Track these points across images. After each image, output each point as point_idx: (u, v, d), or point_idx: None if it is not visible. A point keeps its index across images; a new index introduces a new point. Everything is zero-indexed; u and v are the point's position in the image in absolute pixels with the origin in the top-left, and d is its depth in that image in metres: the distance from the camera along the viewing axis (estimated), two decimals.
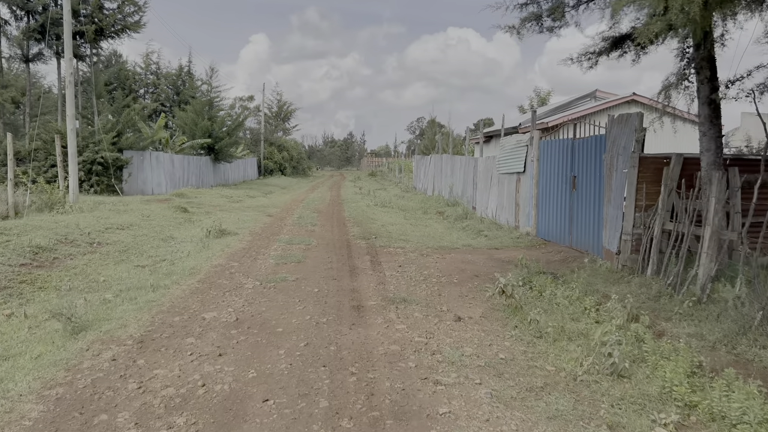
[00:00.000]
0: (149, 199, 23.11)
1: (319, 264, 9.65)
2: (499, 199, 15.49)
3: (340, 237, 13.15)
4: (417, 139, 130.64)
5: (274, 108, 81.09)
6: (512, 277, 9.03)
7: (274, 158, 58.71)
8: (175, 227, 14.86)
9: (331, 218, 17.43)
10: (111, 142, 25.34)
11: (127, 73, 52.64)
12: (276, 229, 14.52)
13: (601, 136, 10.12)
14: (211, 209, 19.85)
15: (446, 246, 12.09)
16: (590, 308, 7.24)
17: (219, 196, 27.35)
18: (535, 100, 42.94)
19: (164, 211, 17.15)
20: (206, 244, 11.66)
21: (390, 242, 12.31)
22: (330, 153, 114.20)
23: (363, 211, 19.47)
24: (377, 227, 15.10)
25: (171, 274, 8.82)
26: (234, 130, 38.94)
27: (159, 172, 27.92)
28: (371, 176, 62.16)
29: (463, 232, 14.86)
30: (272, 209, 20.29)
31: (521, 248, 12.02)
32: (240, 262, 9.69)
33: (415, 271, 9.18)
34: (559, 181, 11.96)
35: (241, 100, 61.12)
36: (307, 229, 14.36)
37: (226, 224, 15.23)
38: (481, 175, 17.51)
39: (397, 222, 16.53)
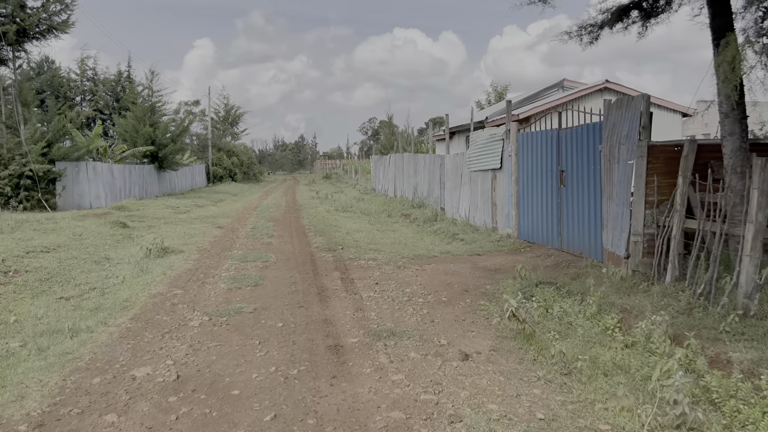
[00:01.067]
0: (85, 213, 20.99)
1: (280, 286, 8.15)
2: (472, 198, 14.28)
3: (302, 249, 11.65)
4: (370, 139, 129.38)
5: (221, 112, 78.24)
6: (508, 290, 7.80)
7: (223, 164, 56.36)
8: (111, 246, 13.05)
9: (289, 227, 15.88)
10: (40, 153, 23.02)
11: (60, 80, 49.49)
12: (227, 243, 12.89)
13: (595, 125, 8.98)
14: (155, 222, 17.98)
15: (423, 254, 10.77)
16: (613, 327, 6.03)
17: (164, 207, 25.31)
18: (492, 94, 42.21)
19: (100, 228, 15.25)
20: (145, 267, 9.98)
21: (359, 253, 10.89)
22: (282, 157, 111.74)
23: (323, 217, 17.96)
24: (342, 235, 13.65)
25: (98, 310, 7.18)
26: (179, 136, 36.72)
27: (97, 184, 25.67)
28: (326, 179, 60.50)
29: (435, 237, 13.57)
30: (223, 219, 18.56)
31: (505, 253, 10.81)
32: (184, 289, 8.09)
33: (395, 290, 7.80)
34: (543, 177, 10.80)
35: (186, 105, 58.48)
36: (263, 242, 12.79)
37: (171, 240, 13.50)
38: (449, 174, 16.28)
39: (362, 228, 15.12)
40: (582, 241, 9.58)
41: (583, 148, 9.35)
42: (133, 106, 35.04)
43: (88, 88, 51.99)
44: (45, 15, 23.94)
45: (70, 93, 50.60)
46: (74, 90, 51.37)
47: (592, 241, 9.23)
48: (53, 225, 15.11)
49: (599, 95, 17.14)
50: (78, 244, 12.74)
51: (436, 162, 17.79)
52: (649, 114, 7.55)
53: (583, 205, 9.43)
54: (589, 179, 9.22)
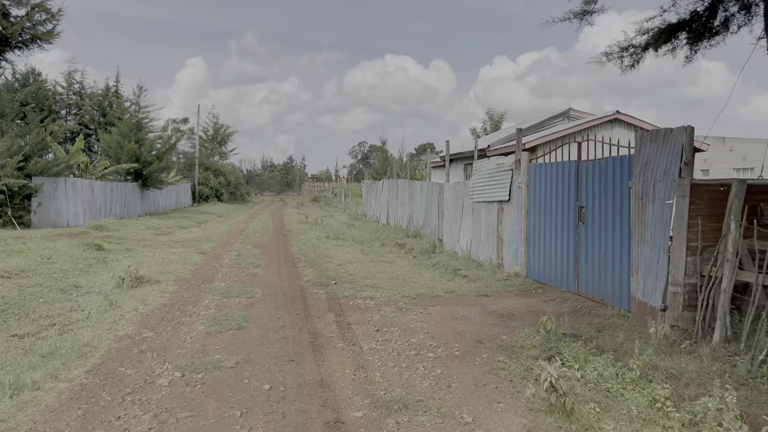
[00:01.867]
0: (60, 233, 19.79)
1: (267, 331, 7.10)
2: (475, 231, 13.36)
3: (291, 284, 10.61)
4: (359, 163, 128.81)
5: (210, 131, 77.22)
6: (528, 343, 6.83)
7: (209, 184, 55.20)
8: (82, 272, 11.91)
9: (277, 255, 14.82)
10: (16, 167, 21.83)
11: (46, 93, 48.30)
12: (209, 272, 11.81)
13: (623, 158, 8.13)
14: (133, 245, 16.84)
15: (425, 294, 9.77)
16: (664, 400, 5.07)
17: (145, 227, 24.14)
18: (488, 122, 41.66)
19: (72, 250, 14.10)
20: (115, 300, 8.89)
21: (355, 290, 9.87)
22: (269, 178, 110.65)
23: (314, 245, 16.93)
24: (334, 267, 12.62)
25: (53, 355, 6.09)
26: (165, 153, 35.64)
27: (76, 201, 24.45)
28: (314, 202, 59.51)
29: (435, 271, 12.59)
30: (206, 244, 17.46)
31: (515, 294, 9.85)
32: (156, 331, 7.01)
33: (400, 339, 6.78)
34: (558, 213, 9.91)
35: (174, 122, 57.47)
36: (249, 273, 11.73)
37: (148, 267, 12.40)
38: (448, 204, 15.38)
39: (356, 259, 14.10)
40: (604, 286, 8.66)
41: (607, 183, 8.49)
42: (119, 121, 33.99)
43: (74, 102, 50.86)
44: (29, 24, 22.98)
45: (56, 106, 49.39)
46: (60, 103, 50.20)
47: (616, 287, 8.31)
48: (20, 246, 13.94)
49: (609, 126, 16.44)
50: (45, 268, 11.61)
51: (434, 190, 16.90)
52: (692, 149, 6.70)
53: (607, 246, 8.53)
54: (614, 218, 8.34)
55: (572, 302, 8.96)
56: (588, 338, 6.93)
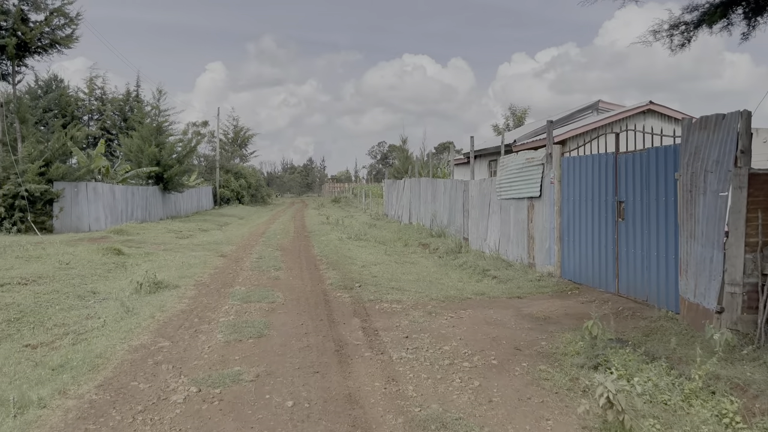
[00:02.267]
0: (81, 238, 19.67)
1: (289, 339, 6.68)
2: (503, 229, 12.81)
3: (314, 287, 10.18)
4: (379, 163, 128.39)
5: (230, 134, 77.45)
6: (571, 349, 6.30)
7: (230, 186, 55.24)
8: (100, 277, 11.65)
9: (299, 257, 14.44)
10: (38, 172, 21.81)
11: (68, 99, 48.76)
12: (230, 276, 11.45)
13: (668, 148, 7.55)
14: (154, 249, 16.60)
15: (454, 296, 9.27)
16: (732, 416, 4.54)
17: (166, 231, 23.98)
18: (511, 118, 40.86)
19: (92, 255, 13.87)
20: (132, 306, 8.55)
21: (380, 293, 9.41)
22: (290, 179, 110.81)
23: (336, 246, 16.51)
24: (358, 269, 12.18)
25: (63, 368, 5.74)
26: (185, 157, 35.58)
27: (97, 206, 24.40)
28: (335, 203, 59.24)
29: (462, 272, 12.09)
30: (227, 247, 17.16)
31: (549, 296, 9.30)
32: (173, 341, 6.63)
33: (431, 347, 6.30)
34: (594, 208, 9.34)
35: (194, 126, 57.67)
36: (270, 276, 11.34)
37: (167, 271, 12.09)
38: (474, 201, 14.85)
39: (379, 261, 13.64)
40: (647, 286, 8.08)
41: (650, 176, 7.91)
42: (139, 125, 34.00)
43: (95, 108, 51.29)
44: (48, 29, 22.97)
45: (78, 112, 49.85)
46: (82, 109, 50.65)
47: (662, 287, 7.73)
48: (40, 251, 13.75)
49: (642, 118, 15.74)
50: (63, 274, 11.35)
51: (459, 188, 16.38)
52: (749, 135, 6.11)
53: (650, 243, 7.95)
54: (658, 213, 7.75)
55: (613, 304, 8.39)
56: (635, 343, 6.38)
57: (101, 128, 50.79)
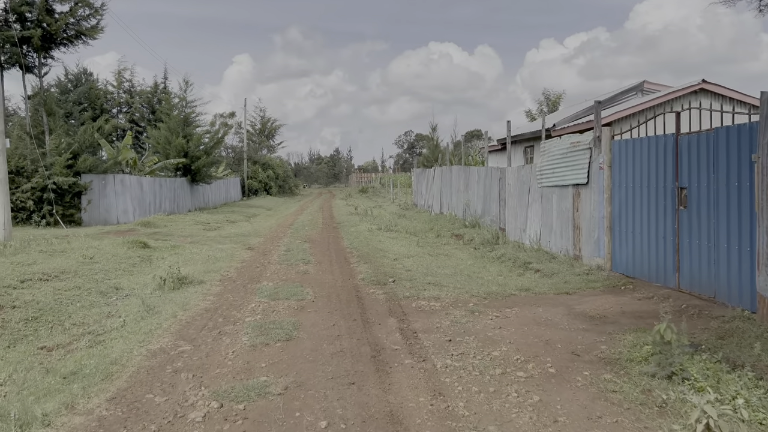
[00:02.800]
0: (108, 230, 19.45)
1: (320, 342, 6.08)
2: (545, 219, 12.03)
3: (345, 282, 9.59)
4: (406, 152, 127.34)
5: (257, 125, 77.37)
6: (636, 355, 5.58)
7: (258, 177, 55.10)
8: (125, 272, 11.27)
9: (328, 250, 13.87)
10: (65, 164, 21.67)
11: (98, 92, 49.05)
12: (257, 271, 10.93)
13: (742, 127, 6.71)
14: (181, 242, 16.23)
15: (496, 292, 8.57)
16: None
17: (194, 222, 23.70)
18: (545, 104, 39.57)
19: (117, 249, 13.51)
20: (154, 305, 8.07)
21: (417, 289, 8.76)
22: (317, 170, 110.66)
23: (366, 238, 15.91)
24: (390, 263, 11.55)
25: (76, 376, 5.25)
26: (212, 148, 35.33)
27: (125, 198, 24.22)
28: (362, 193, 58.72)
29: (501, 265, 11.37)
30: (254, 239, 16.70)
31: (601, 292, 8.54)
32: (194, 344, 6.09)
33: (479, 352, 5.64)
34: (651, 195, 8.53)
35: (221, 117, 57.56)
36: (299, 270, 10.79)
37: (193, 265, 11.64)
38: (512, 190, 14.07)
39: (412, 253, 12.99)
40: (715, 281, 7.27)
41: (718, 159, 7.08)
42: (166, 117, 33.84)
43: (124, 100, 51.53)
44: (73, 20, 22.74)
45: (107, 105, 50.13)
46: (110, 102, 50.94)
47: (733, 283, 6.92)
48: (65, 245, 13.43)
49: (694, 97, 14.69)
50: (86, 269, 10.98)
51: (494, 176, 15.59)
52: None
53: (719, 233, 7.13)
54: (729, 199, 6.93)
55: (674, 301, 7.59)
56: (711, 348, 5.62)
57: (130, 121, 51.07)
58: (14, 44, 21.10)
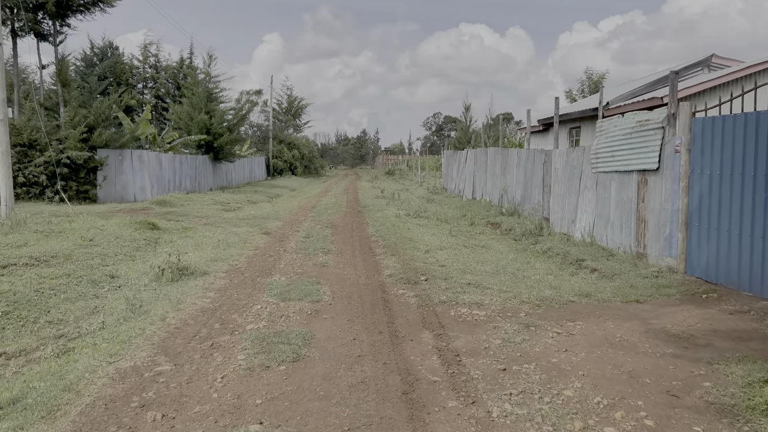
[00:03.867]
0: (121, 209, 18.43)
1: (336, 368, 4.73)
2: (600, 209, 10.49)
3: (369, 279, 8.23)
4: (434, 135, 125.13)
5: (284, 103, 76.15)
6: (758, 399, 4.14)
7: (283, 157, 54.00)
8: (126, 257, 10.11)
9: (351, 237, 12.53)
10: (80, 138, 20.65)
11: (123, 67, 48.28)
12: (270, 260, 9.65)
13: None
14: (194, 223, 15.09)
15: (550, 297, 7.13)
16: None
17: (212, 202, 22.59)
18: (586, 83, 37.33)
19: (122, 230, 12.38)
20: (142, 303, 6.83)
21: (454, 291, 7.36)
22: (343, 151, 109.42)
23: (393, 224, 14.51)
24: (421, 255, 10.15)
25: (12, 408, 4.00)
26: (236, 125, 34.14)
27: (143, 175, 23.19)
28: (389, 175, 57.31)
29: (549, 261, 9.90)
30: (273, 222, 15.45)
31: (677, 301, 7.03)
32: (176, 363, 4.80)
33: (545, 391, 4.24)
34: (744, 185, 6.96)
35: (247, 94, 56.41)
36: (317, 262, 9.47)
37: (201, 251, 10.45)
38: (559, 175, 12.51)
39: (445, 244, 11.58)
40: None
41: None
42: (189, 92, 32.73)
43: (150, 75, 50.72)
44: None
45: (132, 80, 49.37)
46: (136, 77, 50.17)
47: None
48: (65, 225, 12.34)
49: None
50: (82, 253, 9.84)
51: (538, 159, 14.03)
52: None
53: None
54: None
55: None
56: None
57: (155, 96, 50.29)
58: (27, 9, 20.07)
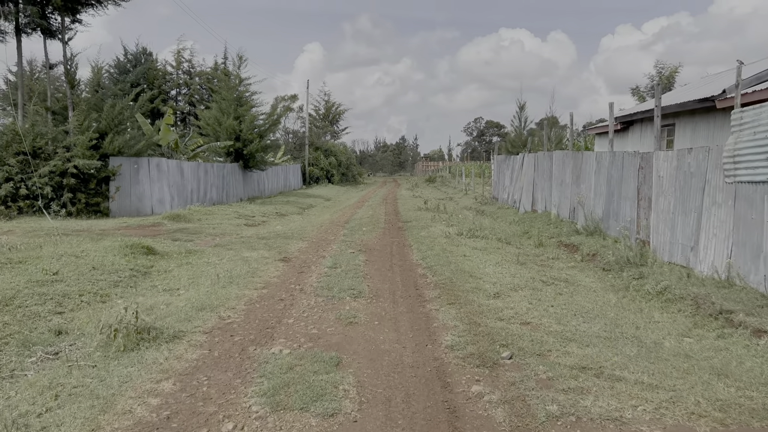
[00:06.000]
0: (128, 224, 16.08)
1: None
2: (743, 235, 7.38)
3: (419, 357, 5.33)
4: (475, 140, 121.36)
5: (321, 109, 74.07)
6: None
7: (320, 164, 51.63)
8: (93, 299, 7.53)
9: (391, 269, 9.69)
10: (89, 145, 18.44)
11: (156, 73, 46.84)
12: (277, 310, 6.89)
13: None
14: (202, 244, 12.54)
15: (730, 401, 4.13)
16: None
17: (235, 216, 20.11)
18: (656, 78, 33.50)
19: (107, 256, 9.85)
20: (55, 398, 4.15)
21: (564, 389, 4.43)
22: (382, 158, 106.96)
23: (443, 248, 11.57)
24: (492, 304, 7.19)
25: None
26: (267, 130, 31.72)
27: (161, 185, 20.89)
28: (429, 182, 54.30)
29: (673, 311, 6.85)
30: (296, 243, 12.76)
31: None
32: None
33: None
34: None
35: (282, 100, 54.33)
36: (341, 316, 6.65)
37: (191, 291, 7.80)
38: (665, 185, 9.42)
39: (518, 280, 8.59)
40: None
41: None
42: (217, 95, 30.54)
43: (183, 81, 49.18)
44: None
45: (165, 86, 47.89)
46: (170, 83, 48.70)
47: None
48: (31, 252, 9.86)
49: None
50: (33, 294, 7.30)
51: (629, 163, 10.93)
52: None
53: None
54: None
55: None
56: None
57: (188, 103, 48.71)
58: (32, 2, 18.03)
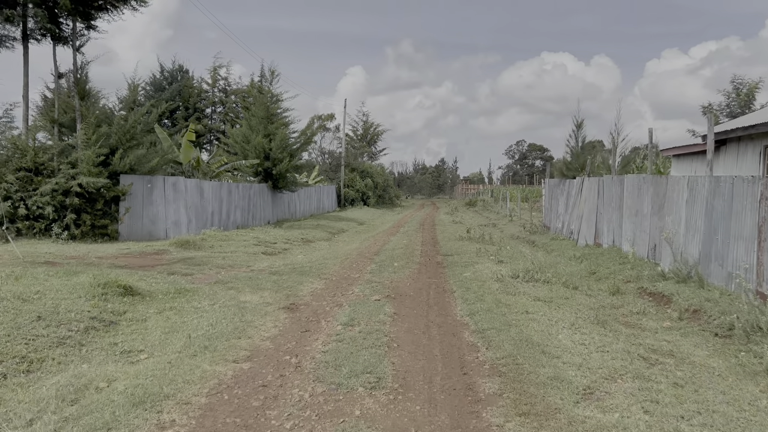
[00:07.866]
0: (129, 251, 14.12)
1: None
2: None
3: None
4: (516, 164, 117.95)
5: (359, 130, 72.47)
6: None
7: (355, 186, 49.59)
8: (12, 370, 5.35)
9: (426, 332, 7.23)
10: (96, 162, 16.66)
11: (191, 90, 45.86)
12: (252, 409, 4.54)
13: None
14: (201, 280, 10.38)
15: None
16: None
17: (255, 242, 17.98)
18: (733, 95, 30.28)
19: (67, 299, 7.76)
20: None
21: None
22: (420, 180, 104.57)
23: (496, 299, 9.03)
24: (582, 415, 4.69)
25: None
26: (298, 149, 29.71)
27: (177, 206, 18.92)
28: (470, 206, 51.58)
29: None
30: (311, 282, 10.45)
31: None
32: None
33: None
34: None
35: (319, 119, 52.73)
36: (351, 423, 4.25)
37: (164, 354, 5.57)
38: None
39: (611, 360, 6.02)
40: None
41: None
42: (246, 112, 28.78)
43: (218, 99, 48.11)
44: None
45: (201, 104, 46.89)
46: (205, 101, 47.67)
47: None
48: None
49: None
50: None
51: (742, 191, 8.29)
52: None
53: None
54: None
55: None
56: None
57: (222, 120, 47.59)
58: (37, 4, 16.51)
